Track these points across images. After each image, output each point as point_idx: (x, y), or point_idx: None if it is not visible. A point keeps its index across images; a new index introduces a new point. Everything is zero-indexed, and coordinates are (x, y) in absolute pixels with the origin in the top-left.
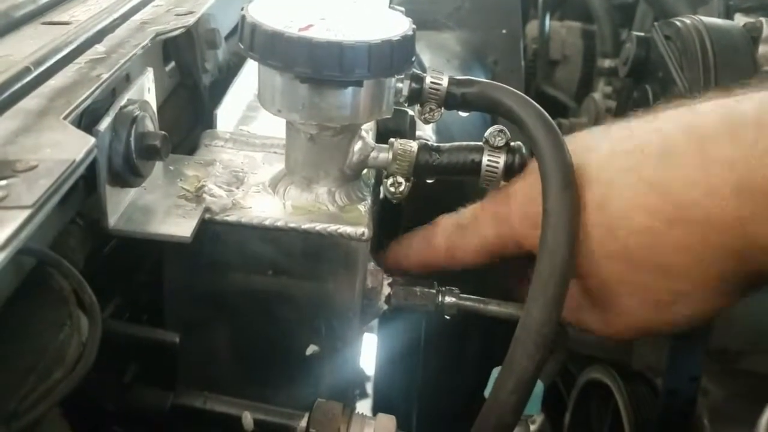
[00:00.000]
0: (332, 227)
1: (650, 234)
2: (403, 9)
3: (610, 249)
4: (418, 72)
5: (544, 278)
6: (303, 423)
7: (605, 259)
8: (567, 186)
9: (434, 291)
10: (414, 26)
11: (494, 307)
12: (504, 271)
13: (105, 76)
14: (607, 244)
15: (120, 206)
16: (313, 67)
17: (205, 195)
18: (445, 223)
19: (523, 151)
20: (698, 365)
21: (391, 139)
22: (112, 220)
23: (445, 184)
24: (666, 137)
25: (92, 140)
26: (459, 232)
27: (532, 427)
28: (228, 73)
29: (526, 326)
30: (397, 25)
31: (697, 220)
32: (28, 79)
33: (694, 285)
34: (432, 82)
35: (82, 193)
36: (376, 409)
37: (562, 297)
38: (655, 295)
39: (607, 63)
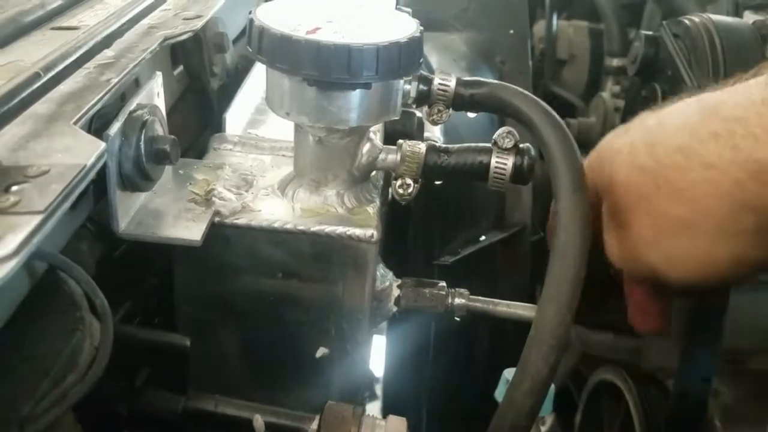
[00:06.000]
0: (341, 229)
1: (685, 154)
2: (409, 10)
3: (643, 163)
4: (426, 73)
5: (557, 279)
6: (314, 425)
7: (637, 172)
8: (578, 188)
9: (444, 292)
10: (421, 28)
11: (503, 309)
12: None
13: (114, 80)
14: (643, 158)
15: (130, 210)
16: (321, 69)
17: (214, 198)
18: None
19: (532, 152)
20: (710, 367)
21: (400, 141)
22: (123, 224)
23: (454, 186)
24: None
25: (102, 145)
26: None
27: (543, 428)
28: (236, 77)
29: (541, 328)
30: (404, 27)
31: (731, 137)
32: (38, 84)
33: (699, 211)
34: (440, 84)
35: (93, 197)
36: (386, 410)
37: (575, 298)
38: (663, 221)
39: (614, 62)
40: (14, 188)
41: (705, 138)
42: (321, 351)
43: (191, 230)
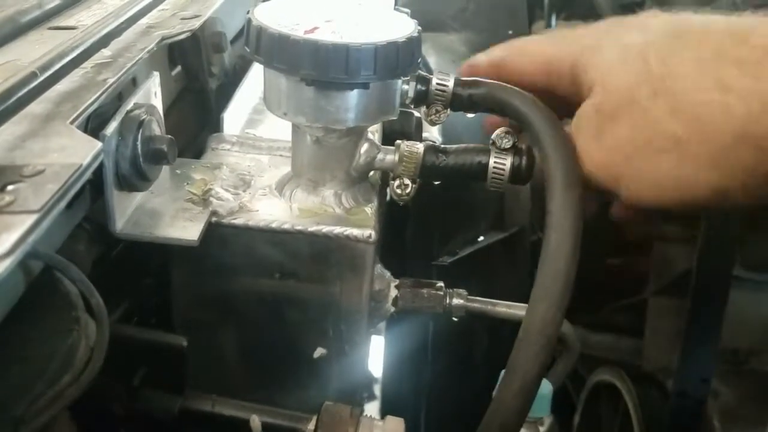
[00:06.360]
0: (339, 229)
1: (702, 69)
2: (408, 10)
3: (651, 70)
4: (424, 73)
5: (547, 279)
6: (311, 426)
7: (638, 77)
8: (572, 187)
9: (442, 293)
10: (419, 28)
11: (502, 309)
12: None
13: (111, 80)
14: (653, 65)
15: (127, 210)
16: (319, 69)
17: (212, 198)
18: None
19: (531, 153)
20: (709, 367)
21: (398, 141)
22: (120, 224)
23: (453, 186)
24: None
25: (99, 145)
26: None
27: (541, 429)
28: (234, 77)
29: (530, 328)
30: (402, 27)
31: (757, 68)
32: (34, 83)
33: (697, 133)
34: (438, 84)
35: (90, 197)
36: (384, 411)
37: (566, 298)
38: (651, 133)
39: None
40: (9, 188)
41: (728, 61)
42: (318, 351)
43: (188, 230)
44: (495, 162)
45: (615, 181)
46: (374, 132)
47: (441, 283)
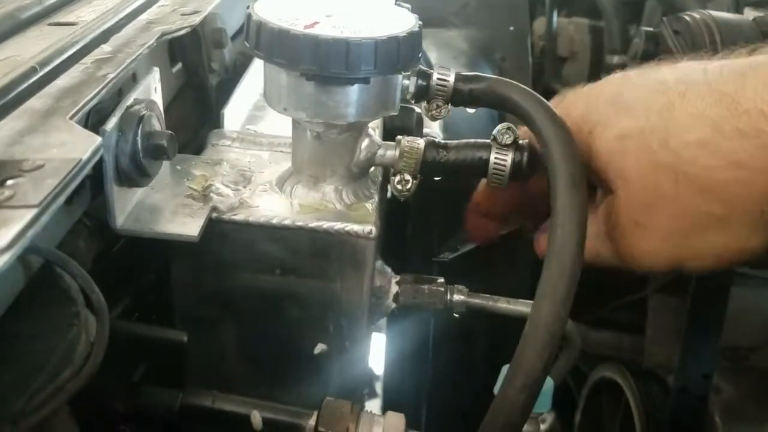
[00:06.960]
0: (339, 225)
1: (710, 150)
2: (409, 6)
3: (659, 158)
4: (425, 69)
5: (553, 275)
6: (312, 421)
7: (652, 167)
8: (576, 183)
9: (443, 289)
10: (420, 22)
11: (503, 305)
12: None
13: (111, 75)
14: (657, 151)
15: (127, 206)
16: (319, 64)
17: (212, 194)
18: None
19: (532, 149)
20: (710, 363)
21: (398, 137)
22: (120, 219)
23: (454, 182)
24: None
25: (99, 140)
26: None
27: (543, 426)
28: (235, 73)
29: (535, 323)
30: (403, 22)
31: (760, 135)
32: (34, 79)
33: (734, 209)
34: (439, 79)
35: (90, 192)
36: (385, 407)
37: (571, 294)
38: (691, 218)
39: (615, 59)
40: (9, 182)
41: (730, 135)
42: (319, 347)
43: (188, 226)
44: (496, 158)
45: (675, 264)
46: (375, 127)
47: (441, 279)
